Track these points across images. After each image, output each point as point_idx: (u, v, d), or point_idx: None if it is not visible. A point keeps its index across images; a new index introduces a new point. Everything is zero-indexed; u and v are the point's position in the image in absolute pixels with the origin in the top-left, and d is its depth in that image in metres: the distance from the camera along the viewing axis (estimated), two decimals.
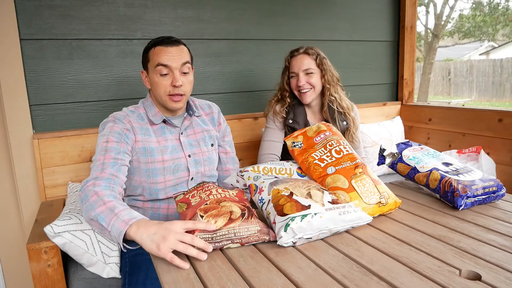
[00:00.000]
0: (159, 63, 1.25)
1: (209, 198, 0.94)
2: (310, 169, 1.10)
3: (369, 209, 0.99)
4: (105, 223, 0.93)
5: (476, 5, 12.76)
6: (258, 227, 0.89)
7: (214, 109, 1.49)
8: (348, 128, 1.70)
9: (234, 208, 0.91)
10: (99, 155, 1.16)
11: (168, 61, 1.24)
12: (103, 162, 1.13)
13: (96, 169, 1.12)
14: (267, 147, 1.66)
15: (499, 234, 0.90)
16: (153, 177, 1.29)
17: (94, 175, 1.10)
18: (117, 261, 1.29)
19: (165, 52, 1.25)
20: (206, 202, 0.92)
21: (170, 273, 0.77)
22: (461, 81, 12.55)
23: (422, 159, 1.21)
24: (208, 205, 0.91)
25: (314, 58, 1.64)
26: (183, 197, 0.99)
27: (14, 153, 1.60)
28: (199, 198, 0.95)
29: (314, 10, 2.25)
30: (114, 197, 1.02)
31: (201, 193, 0.98)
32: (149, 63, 1.29)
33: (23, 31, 1.59)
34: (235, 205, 0.92)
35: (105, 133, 1.22)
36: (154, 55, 1.26)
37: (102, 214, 0.95)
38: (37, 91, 1.65)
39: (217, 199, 0.94)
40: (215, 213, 0.88)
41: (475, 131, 2.14)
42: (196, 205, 0.92)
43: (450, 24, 13.21)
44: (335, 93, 1.68)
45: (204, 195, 0.96)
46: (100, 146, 1.19)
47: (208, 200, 0.93)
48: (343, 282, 0.71)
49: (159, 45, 1.26)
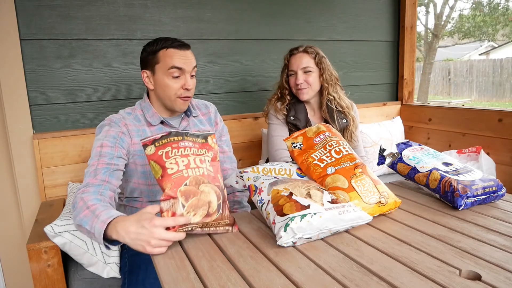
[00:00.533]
0: (173, 66, 1.25)
1: (188, 172, 0.91)
2: (310, 170, 1.10)
3: (369, 208, 0.99)
4: (88, 226, 0.94)
5: (476, 5, 12.76)
6: (227, 221, 0.95)
7: (211, 108, 1.49)
8: (347, 127, 1.70)
9: (212, 196, 0.92)
10: (93, 160, 1.16)
11: (183, 64, 1.26)
12: (96, 168, 1.14)
13: (89, 175, 1.13)
14: (278, 142, 1.65)
15: (499, 234, 0.90)
16: (151, 179, 1.29)
17: (85, 182, 1.11)
18: (117, 261, 1.29)
19: (179, 55, 1.26)
20: (185, 181, 0.90)
21: (170, 273, 0.77)
22: (461, 81, 12.55)
23: (422, 159, 1.21)
24: (188, 187, 0.89)
25: (313, 56, 1.65)
26: (155, 151, 0.93)
27: (14, 153, 1.60)
28: (175, 164, 0.91)
29: (314, 10, 2.25)
30: (99, 201, 1.02)
31: (177, 155, 0.93)
32: (158, 65, 1.28)
33: (23, 31, 1.59)
34: (213, 189, 0.93)
35: (100, 138, 1.22)
36: (166, 57, 1.26)
37: (85, 218, 0.96)
38: (37, 91, 1.65)
39: (196, 178, 0.92)
40: (195, 204, 0.89)
41: (475, 131, 2.14)
42: (176, 180, 0.89)
43: (450, 24, 13.22)
44: (334, 92, 1.68)
45: (181, 163, 0.92)
46: (95, 151, 1.19)
47: (187, 177, 0.91)
48: (343, 282, 0.71)
49: (171, 48, 1.26)
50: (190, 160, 0.94)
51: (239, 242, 0.91)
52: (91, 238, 1.01)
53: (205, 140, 1.03)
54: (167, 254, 0.86)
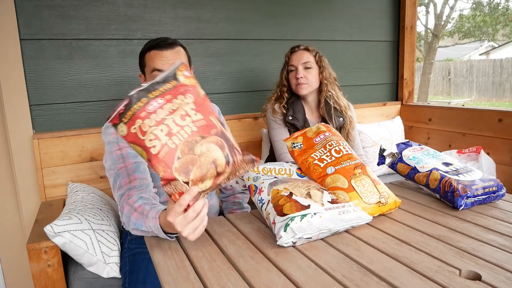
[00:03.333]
0: (154, 68, 1.21)
1: (173, 141, 0.73)
2: (310, 170, 1.10)
3: (369, 208, 0.99)
4: (144, 227, 0.95)
5: (476, 5, 12.76)
6: (245, 165, 0.79)
7: (215, 109, 1.49)
8: (344, 125, 1.73)
9: (214, 152, 0.75)
10: (118, 164, 1.14)
11: (164, 66, 1.20)
12: (127, 169, 1.13)
13: (123, 179, 1.11)
14: (282, 146, 1.68)
15: (499, 234, 0.90)
16: (156, 181, 1.27)
17: (125, 187, 1.10)
18: (117, 261, 1.29)
19: (160, 56, 1.21)
20: (175, 154, 0.73)
21: (170, 273, 0.77)
22: (461, 81, 12.55)
23: (422, 159, 1.21)
24: (182, 160, 0.73)
25: (313, 54, 1.69)
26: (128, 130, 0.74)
27: (14, 153, 1.60)
28: (155, 138, 0.73)
29: (314, 10, 2.25)
30: (143, 200, 1.03)
31: (151, 127, 0.73)
32: (145, 68, 1.27)
33: (23, 31, 1.59)
34: (211, 142, 0.75)
35: (114, 140, 1.19)
36: (149, 60, 1.24)
37: (137, 221, 0.97)
38: (37, 91, 1.65)
39: (186, 142, 0.74)
40: (199, 175, 0.73)
41: (475, 131, 2.14)
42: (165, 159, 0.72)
43: (450, 24, 13.22)
44: (332, 90, 1.72)
45: (161, 134, 0.73)
46: (115, 155, 1.16)
47: (176, 147, 0.73)
48: (343, 282, 0.71)
49: (154, 49, 1.23)
50: (169, 123, 0.75)
51: (239, 242, 0.91)
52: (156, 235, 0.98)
53: (175, 80, 0.78)
54: (167, 254, 0.86)
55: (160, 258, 0.84)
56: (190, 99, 0.77)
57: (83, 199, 1.49)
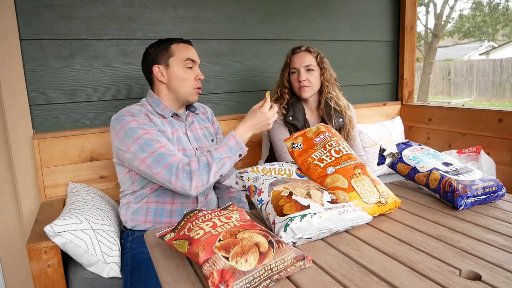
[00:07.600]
0: (189, 58, 1.38)
1: (216, 230, 0.76)
2: (310, 170, 1.10)
3: (369, 208, 0.99)
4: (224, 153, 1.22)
5: (476, 5, 12.76)
6: (293, 253, 0.74)
7: (207, 109, 1.61)
8: (344, 126, 1.74)
9: (257, 238, 0.75)
10: (155, 145, 1.22)
11: (196, 57, 1.42)
12: (167, 148, 1.24)
13: (169, 157, 1.22)
14: (282, 146, 1.69)
15: (499, 234, 0.90)
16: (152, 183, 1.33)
17: (175, 161, 1.22)
18: (117, 260, 1.29)
19: (191, 49, 1.42)
20: (218, 238, 0.74)
21: (170, 273, 0.77)
22: (461, 81, 12.55)
23: (422, 159, 1.21)
24: (223, 241, 0.73)
25: (314, 56, 1.69)
26: (176, 234, 0.81)
27: (14, 153, 1.60)
28: (200, 229, 0.78)
29: (314, 10, 2.25)
30: None
31: (198, 224, 0.80)
32: (173, 57, 1.37)
33: (23, 31, 1.59)
34: (254, 233, 0.76)
35: (137, 126, 1.25)
36: (180, 50, 1.38)
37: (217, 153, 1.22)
38: (37, 91, 1.65)
39: (228, 230, 0.77)
40: (240, 251, 0.71)
41: (475, 131, 2.14)
42: (206, 241, 0.73)
43: (450, 24, 13.23)
44: (333, 91, 1.72)
45: (206, 227, 0.78)
46: (145, 138, 1.23)
47: (218, 233, 0.75)
48: (343, 282, 0.71)
49: (182, 43, 1.41)
50: (215, 221, 0.80)
51: None
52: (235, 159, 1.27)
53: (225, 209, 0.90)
54: (167, 254, 0.86)
55: (160, 258, 0.84)
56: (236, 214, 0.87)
57: (83, 199, 1.49)
